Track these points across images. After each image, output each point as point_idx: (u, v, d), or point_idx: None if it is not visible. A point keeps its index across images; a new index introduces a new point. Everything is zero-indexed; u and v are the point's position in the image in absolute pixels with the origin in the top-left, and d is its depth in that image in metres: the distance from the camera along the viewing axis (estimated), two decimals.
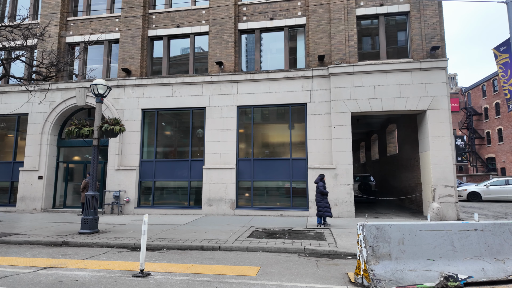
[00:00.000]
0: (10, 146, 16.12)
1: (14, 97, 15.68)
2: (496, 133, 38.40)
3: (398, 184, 17.42)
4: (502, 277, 5.00)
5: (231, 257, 6.91)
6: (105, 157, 14.80)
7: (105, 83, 9.84)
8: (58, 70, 12.93)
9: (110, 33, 15.60)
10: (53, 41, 15.59)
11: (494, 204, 18.95)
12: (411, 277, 4.85)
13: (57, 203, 15.44)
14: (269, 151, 13.98)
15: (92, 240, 8.25)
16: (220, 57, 14.31)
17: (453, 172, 11.92)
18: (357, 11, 13.54)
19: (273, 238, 8.47)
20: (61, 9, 15.96)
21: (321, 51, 13.52)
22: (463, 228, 5.25)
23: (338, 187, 12.54)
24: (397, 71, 12.71)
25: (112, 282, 5.19)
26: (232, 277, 5.48)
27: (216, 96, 14.03)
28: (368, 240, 5.04)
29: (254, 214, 13.04)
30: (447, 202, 11.80)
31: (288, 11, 14.29)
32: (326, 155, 12.88)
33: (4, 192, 15.75)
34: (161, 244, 7.82)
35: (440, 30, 12.76)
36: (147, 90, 14.61)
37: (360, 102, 12.81)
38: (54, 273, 5.70)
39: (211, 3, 14.75)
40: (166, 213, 13.65)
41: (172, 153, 14.77)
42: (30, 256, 7.07)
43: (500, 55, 11.28)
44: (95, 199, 9.41)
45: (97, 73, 15.52)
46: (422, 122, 12.89)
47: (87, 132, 9.77)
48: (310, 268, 6.06)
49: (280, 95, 13.57)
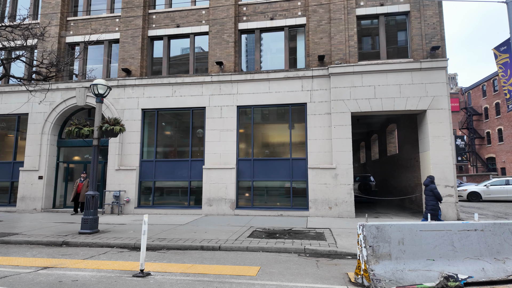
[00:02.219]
0: (10, 146, 16.12)
1: (14, 97, 15.68)
2: (496, 133, 38.40)
3: (398, 184, 17.42)
4: (502, 277, 4.99)
5: (231, 257, 6.91)
6: (105, 157, 14.80)
7: (105, 83, 9.84)
8: (58, 70, 12.93)
9: (110, 33, 15.60)
10: (53, 41, 15.59)
11: (494, 204, 18.95)
12: (411, 277, 4.85)
13: (57, 203, 15.45)
14: (269, 151, 13.98)
15: (92, 240, 8.25)
16: (220, 57, 14.31)
17: (453, 172, 11.92)
18: (357, 11, 13.54)
19: (273, 238, 8.47)
20: (61, 9, 15.96)
21: (321, 51, 13.52)
22: (463, 228, 5.25)
23: (338, 187, 12.54)
24: (397, 71, 12.71)
25: (112, 282, 5.19)
26: (232, 277, 5.48)
27: (216, 96, 14.03)
28: (368, 240, 5.04)
29: (254, 214, 13.04)
30: (447, 202, 11.80)
31: (288, 11, 14.29)
32: (326, 155, 12.88)
33: (4, 192, 15.75)
34: (161, 244, 7.82)
35: (440, 30, 12.76)
36: (147, 90, 14.61)
37: (360, 102, 12.81)
38: (54, 273, 5.70)
39: (211, 3, 14.75)
40: (166, 213, 13.65)
41: (172, 153, 14.77)
42: (30, 256, 7.07)
43: (500, 55, 11.28)
44: (95, 199, 9.41)
45: (97, 73, 15.52)
46: (422, 122, 12.89)
47: (87, 132, 9.77)
48: (310, 268, 6.06)
49: (280, 95, 13.57)
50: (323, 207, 12.57)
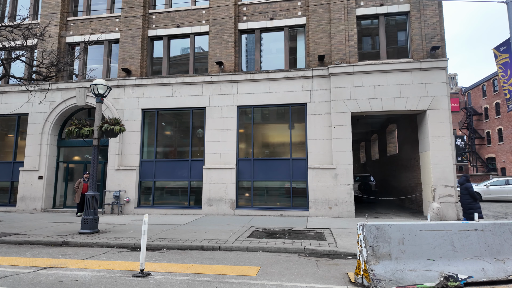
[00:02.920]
0: (10, 146, 16.12)
1: (14, 97, 15.68)
2: (496, 133, 38.39)
3: (398, 184, 17.42)
4: (502, 277, 4.99)
5: (231, 257, 6.91)
6: (105, 157, 14.80)
7: (105, 83, 9.84)
8: (58, 70, 12.93)
9: (110, 33, 15.60)
10: (53, 41, 15.59)
11: (494, 204, 18.95)
12: (411, 277, 4.85)
13: (57, 203, 15.44)
14: (269, 151, 13.98)
15: (92, 240, 8.25)
16: (220, 57, 14.31)
17: (453, 172, 11.92)
18: (357, 11, 13.54)
19: (273, 238, 8.47)
20: (61, 9, 15.96)
21: (321, 51, 13.52)
22: (463, 228, 5.25)
23: (338, 187, 12.54)
24: (397, 71, 12.71)
25: (112, 282, 5.19)
26: (232, 277, 5.48)
27: (216, 96, 14.03)
28: (368, 240, 5.03)
29: (254, 214, 13.04)
30: (447, 202, 11.80)
31: (288, 11, 14.29)
32: (326, 155, 12.88)
33: (4, 192, 15.75)
34: (161, 244, 7.82)
35: (440, 30, 12.76)
36: (147, 90, 14.61)
37: (360, 102, 12.81)
38: (54, 273, 5.70)
39: (211, 3, 14.75)
40: (166, 213, 13.65)
41: (172, 153, 14.77)
42: (30, 256, 7.07)
43: (500, 55, 11.28)
44: (95, 199, 9.41)
45: (97, 73, 15.52)
46: (422, 122, 12.89)
47: (87, 132, 9.77)
48: (310, 268, 6.06)
49: (280, 95, 13.57)
50: (323, 207, 12.57)
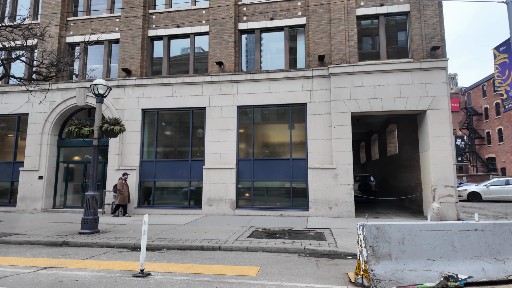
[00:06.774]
0: (10, 146, 16.12)
1: (14, 97, 15.68)
2: (496, 133, 38.39)
3: (398, 184, 17.42)
4: (502, 277, 4.99)
5: (231, 257, 6.91)
6: (105, 157, 14.80)
7: (105, 83, 9.84)
8: (58, 70, 12.91)
9: (110, 33, 15.60)
10: (53, 41, 15.59)
11: (494, 204, 18.95)
12: (411, 277, 4.85)
13: (57, 203, 15.44)
14: (269, 151, 13.98)
15: (92, 240, 8.25)
16: (220, 57, 14.31)
17: (453, 172, 11.92)
18: (357, 11, 13.54)
19: (273, 238, 8.47)
20: (61, 9, 15.96)
21: (321, 51, 13.52)
22: (463, 228, 5.25)
23: (338, 187, 12.54)
24: (397, 71, 12.71)
25: (112, 282, 5.19)
26: (232, 277, 5.48)
27: (216, 96, 14.03)
28: (368, 240, 5.03)
29: (254, 214, 13.04)
30: (447, 202, 11.80)
31: (288, 11, 14.29)
32: (326, 155, 12.88)
33: (4, 192, 15.75)
34: (161, 244, 7.82)
35: (440, 30, 12.76)
36: (147, 90, 14.61)
37: (360, 102, 12.81)
38: (54, 273, 5.70)
39: (211, 3, 14.75)
40: (166, 213, 13.65)
41: (172, 153, 14.77)
42: (30, 256, 7.07)
43: (499, 55, 11.29)
44: (95, 199, 9.41)
45: (97, 73, 15.51)
46: (422, 122, 12.89)
47: (87, 132, 9.76)
48: (310, 268, 6.06)
49: (280, 95, 13.57)
50: (323, 207, 12.57)
